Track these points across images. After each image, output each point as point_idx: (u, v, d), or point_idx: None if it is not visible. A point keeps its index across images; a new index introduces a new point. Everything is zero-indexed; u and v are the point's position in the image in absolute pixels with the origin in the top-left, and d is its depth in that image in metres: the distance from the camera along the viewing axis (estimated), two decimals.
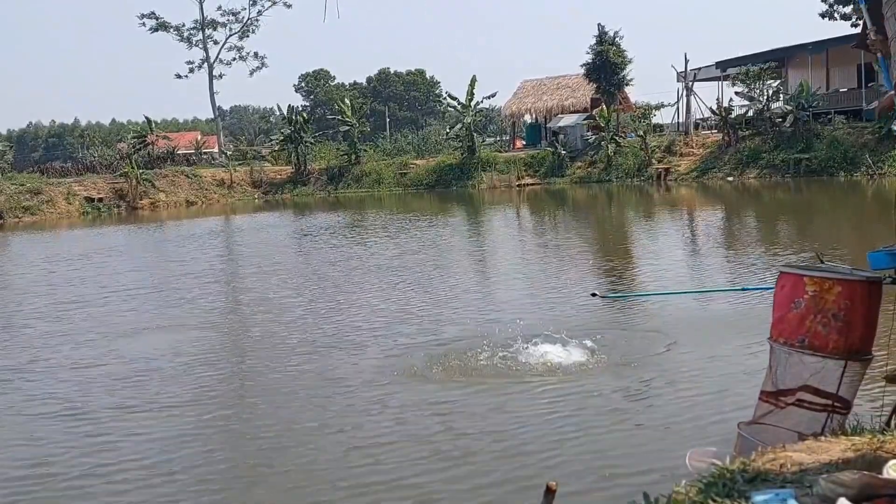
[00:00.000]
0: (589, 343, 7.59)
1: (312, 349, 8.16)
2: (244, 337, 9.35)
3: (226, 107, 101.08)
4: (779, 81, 36.31)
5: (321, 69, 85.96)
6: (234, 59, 56.76)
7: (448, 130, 42.61)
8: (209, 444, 5.73)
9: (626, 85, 40.33)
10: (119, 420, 6.34)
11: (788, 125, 31.76)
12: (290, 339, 8.71)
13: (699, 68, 38.59)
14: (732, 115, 34.05)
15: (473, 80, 40.08)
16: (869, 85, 32.08)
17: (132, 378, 7.49)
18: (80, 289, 13.27)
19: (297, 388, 6.87)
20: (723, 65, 37.59)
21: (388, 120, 67.04)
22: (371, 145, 47.74)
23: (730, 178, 32.03)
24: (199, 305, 11.18)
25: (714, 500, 2.35)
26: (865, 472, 2.18)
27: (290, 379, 7.21)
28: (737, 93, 35.02)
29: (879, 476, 2.18)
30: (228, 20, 55.33)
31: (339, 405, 6.30)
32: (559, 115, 42.43)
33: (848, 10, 39.26)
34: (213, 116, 59.07)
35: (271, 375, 7.38)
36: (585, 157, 37.44)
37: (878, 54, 3.71)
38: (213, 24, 55.11)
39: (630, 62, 38.81)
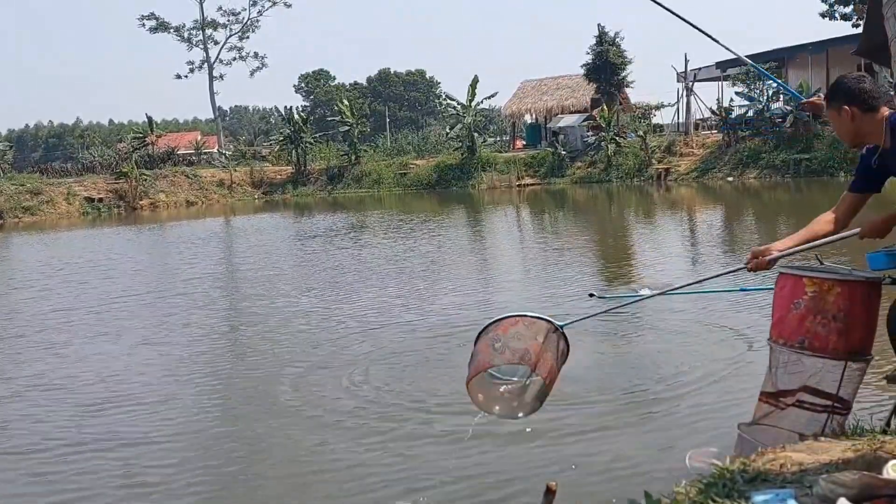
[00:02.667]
0: (586, 344, 7.60)
1: (315, 373, 7.21)
2: (240, 356, 8.29)
3: (226, 107, 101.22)
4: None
5: (321, 69, 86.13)
6: (234, 59, 56.95)
7: (448, 131, 42.61)
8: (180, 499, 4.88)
9: (627, 85, 40.38)
10: (72, 458, 5.48)
11: (788, 125, 31.77)
12: (292, 360, 7.76)
13: (699, 68, 38.59)
14: (732, 116, 34.06)
15: (475, 81, 40.05)
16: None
17: (101, 405, 6.61)
18: (69, 297, 12.50)
19: (294, 425, 5.92)
20: (723, 65, 37.57)
21: (388, 120, 67.01)
22: (371, 145, 47.75)
23: (730, 179, 32.03)
24: (195, 319, 10.21)
25: (714, 501, 2.36)
26: (865, 473, 2.18)
27: (286, 412, 6.19)
28: (737, 93, 35.05)
29: (879, 476, 2.18)
30: (228, 20, 55.49)
31: (342, 445, 5.47)
32: (559, 116, 42.43)
33: (848, 10, 39.25)
34: (213, 117, 59.13)
35: (264, 407, 6.38)
36: (585, 158, 37.44)
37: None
38: (214, 25, 55.25)
39: (630, 62, 38.91)
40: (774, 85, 35.07)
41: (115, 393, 7.02)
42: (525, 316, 3.86)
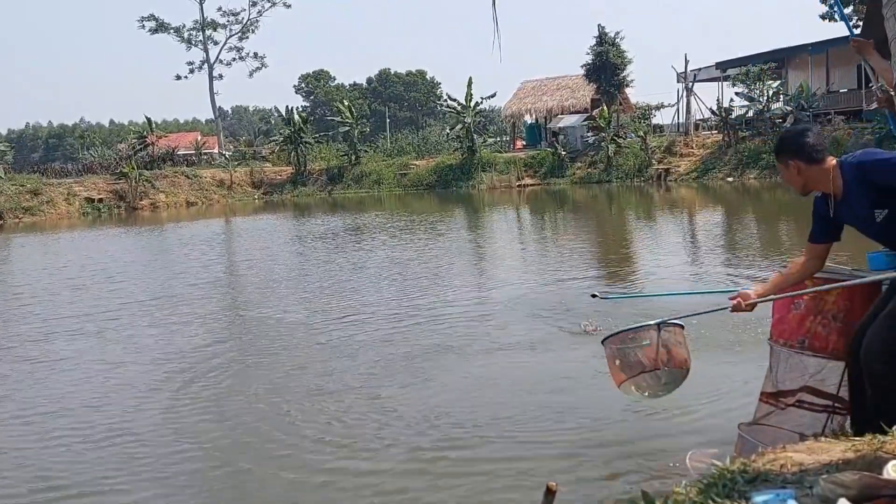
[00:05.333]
0: (587, 346, 7.59)
1: (312, 403, 6.36)
2: (231, 383, 7.13)
3: (226, 107, 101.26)
4: (779, 82, 36.32)
5: (321, 70, 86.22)
6: (234, 59, 56.91)
7: (448, 131, 42.63)
8: None
9: (626, 86, 40.39)
10: None
11: (789, 126, 31.76)
12: (299, 388, 6.81)
13: (699, 69, 38.62)
14: (732, 116, 34.06)
15: (470, 82, 40.10)
16: (869, 86, 32.08)
17: (74, 444, 5.77)
18: (61, 305, 11.84)
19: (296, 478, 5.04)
20: (723, 65, 37.61)
21: (388, 120, 67.03)
22: (371, 146, 47.76)
23: (730, 179, 32.03)
24: (187, 334, 9.30)
25: (714, 501, 2.35)
26: (866, 473, 2.18)
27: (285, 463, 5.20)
28: (737, 93, 35.07)
29: (880, 476, 2.18)
30: (228, 21, 55.45)
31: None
32: (559, 116, 42.45)
33: (848, 10, 39.25)
34: (213, 117, 59.13)
35: (249, 443, 5.56)
36: (585, 158, 37.46)
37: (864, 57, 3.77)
38: (213, 25, 55.18)
39: (630, 63, 38.94)
40: (774, 85, 35.12)
41: (71, 427, 6.16)
42: (624, 331, 4.60)
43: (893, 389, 3.21)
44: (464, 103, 40.05)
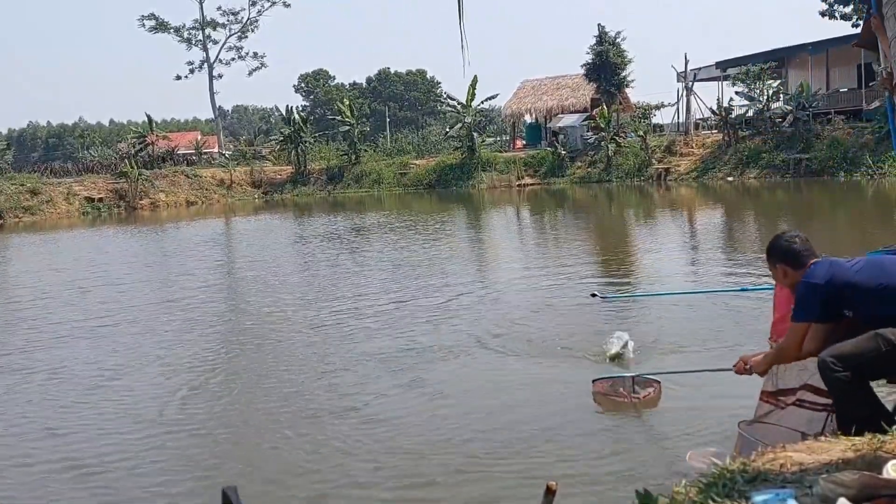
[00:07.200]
0: (588, 344, 7.59)
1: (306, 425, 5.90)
2: (231, 404, 6.58)
3: (226, 107, 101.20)
4: (779, 81, 36.32)
5: (321, 69, 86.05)
6: (234, 59, 56.86)
7: (448, 130, 42.60)
8: None
9: (627, 85, 40.35)
10: None
11: (788, 125, 31.76)
12: (290, 412, 6.24)
13: (699, 68, 38.59)
14: (732, 115, 34.05)
15: (475, 81, 40.04)
16: (869, 85, 32.10)
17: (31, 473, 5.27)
18: (58, 309, 11.44)
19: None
20: (723, 65, 37.60)
21: (388, 120, 67.01)
22: (371, 145, 47.74)
23: (730, 179, 32.03)
24: (191, 345, 8.71)
25: (714, 500, 2.36)
26: (865, 472, 2.18)
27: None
28: (737, 93, 35.06)
29: (879, 476, 2.18)
30: (228, 20, 55.40)
31: None
32: (559, 116, 42.41)
33: (848, 9, 39.26)
34: (213, 116, 59.10)
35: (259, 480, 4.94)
36: (585, 158, 37.44)
37: (879, 37, 3.76)
38: (213, 25, 55.12)
39: (630, 62, 38.91)
40: (774, 84, 35.10)
41: (26, 453, 5.65)
42: (607, 378, 6.08)
43: (852, 395, 3.28)
44: (463, 102, 40.02)
